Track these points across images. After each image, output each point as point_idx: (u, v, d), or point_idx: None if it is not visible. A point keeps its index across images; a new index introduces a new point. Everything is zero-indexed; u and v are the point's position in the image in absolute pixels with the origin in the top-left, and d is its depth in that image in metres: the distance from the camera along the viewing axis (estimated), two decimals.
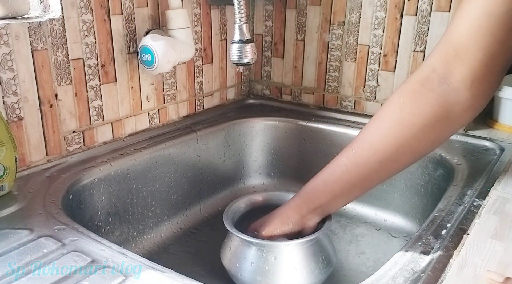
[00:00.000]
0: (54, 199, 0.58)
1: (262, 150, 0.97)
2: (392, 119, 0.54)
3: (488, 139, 0.80)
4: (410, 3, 0.85)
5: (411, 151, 0.55)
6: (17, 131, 0.63)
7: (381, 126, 0.55)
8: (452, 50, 0.51)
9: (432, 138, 0.55)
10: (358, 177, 0.57)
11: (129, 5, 0.75)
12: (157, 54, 0.73)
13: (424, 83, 0.53)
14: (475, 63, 0.50)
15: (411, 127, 0.53)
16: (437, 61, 0.53)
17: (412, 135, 0.53)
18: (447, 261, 0.46)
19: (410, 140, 0.54)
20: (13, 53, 0.61)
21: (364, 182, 0.58)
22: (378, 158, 0.55)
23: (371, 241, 0.81)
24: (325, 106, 1.00)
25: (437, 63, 0.53)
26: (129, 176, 0.73)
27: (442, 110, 0.52)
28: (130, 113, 0.80)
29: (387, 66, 0.91)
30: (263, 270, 0.59)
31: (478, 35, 0.49)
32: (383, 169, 0.56)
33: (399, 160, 0.56)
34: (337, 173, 0.58)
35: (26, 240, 0.49)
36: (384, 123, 0.55)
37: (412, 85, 0.54)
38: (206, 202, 0.90)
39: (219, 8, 0.94)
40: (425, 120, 0.53)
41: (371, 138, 0.56)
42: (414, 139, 0.54)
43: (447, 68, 0.52)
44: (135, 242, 0.76)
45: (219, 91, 1.01)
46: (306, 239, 0.60)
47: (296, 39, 1.00)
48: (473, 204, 0.58)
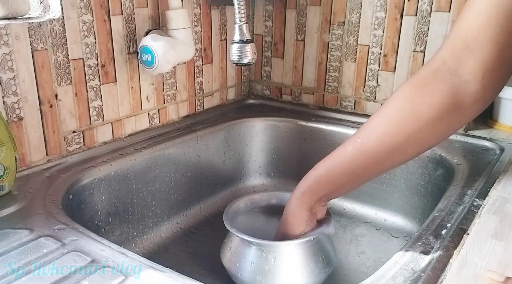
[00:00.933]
0: (54, 198, 0.58)
1: (262, 150, 0.97)
2: (402, 109, 0.54)
3: (488, 139, 0.80)
4: (410, 4, 0.85)
5: (419, 142, 0.55)
6: (17, 131, 0.63)
7: (390, 117, 0.55)
8: (462, 42, 0.51)
9: (441, 129, 0.54)
10: (363, 166, 0.57)
11: (129, 5, 0.75)
12: (157, 54, 0.73)
13: (435, 75, 0.53)
14: (486, 55, 0.50)
15: (422, 118, 0.53)
16: (448, 53, 0.53)
17: (422, 126, 0.53)
18: (447, 261, 0.46)
19: (420, 131, 0.53)
20: (13, 53, 0.61)
21: (368, 171, 0.58)
22: (386, 148, 0.54)
23: (371, 241, 0.81)
24: (325, 106, 1.00)
25: (448, 55, 0.53)
26: (129, 176, 0.73)
27: (453, 102, 0.52)
28: (130, 113, 0.80)
29: (387, 66, 0.91)
30: (263, 270, 0.59)
31: (488, 27, 0.49)
32: (389, 159, 0.56)
33: (406, 151, 0.55)
34: (342, 163, 0.57)
35: (26, 240, 0.49)
36: (394, 114, 0.54)
37: (423, 77, 0.54)
38: (206, 202, 0.90)
39: (219, 8, 0.95)
40: (436, 112, 0.52)
41: (379, 128, 0.55)
42: (424, 130, 0.53)
43: (457, 60, 0.52)
44: (135, 242, 0.76)
45: (219, 91, 1.01)
46: (306, 239, 0.60)
47: (296, 39, 1.00)
48: (473, 204, 0.58)
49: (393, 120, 0.54)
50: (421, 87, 0.53)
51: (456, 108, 0.52)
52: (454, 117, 0.53)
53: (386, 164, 0.57)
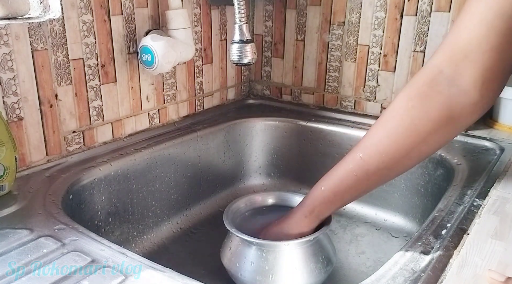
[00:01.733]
0: (54, 199, 0.58)
1: (262, 150, 0.97)
2: (401, 124, 0.53)
3: (488, 139, 0.80)
4: (410, 3, 0.85)
5: (419, 154, 0.55)
6: (17, 132, 0.63)
7: (389, 132, 0.54)
8: (460, 51, 0.50)
9: (439, 140, 0.54)
10: (367, 184, 0.57)
11: (129, 6, 0.75)
12: (157, 54, 0.73)
13: (432, 86, 0.52)
14: (487, 64, 0.49)
15: (421, 132, 0.52)
16: (444, 62, 0.52)
17: (421, 140, 0.53)
18: (447, 261, 0.46)
19: (419, 145, 0.53)
20: (13, 53, 0.61)
21: (371, 186, 0.59)
22: (387, 165, 0.55)
23: (371, 241, 0.81)
24: (325, 106, 1.00)
25: (444, 64, 0.52)
26: (129, 176, 0.73)
27: (451, 113, 0.52)
28: (130, 113, 0.80)
29: (387, 66, 0.91)
30: (263, 270, 0.59)
31: (490, 36, 0.48)
32: (389, 173, 0.57)
33: (406, 164, 0.56)
34: (347, 183, 0.58)
35: (26, 240, 0.49)
36: (393, 129, 0.54)
37: (419, 87, 0.53)
38: (206, 202, 0.90)
39: (219, 8, 0.95)
40: (435, 125, 0.52)
41: (380, 146, 0.55)
42: (423, 144, 0.53)
43: (455, 69, 0.51)
44: (135, 242, 0.76)
45: (219, 91, 1.01)
46: (306, 239, 0.60)
47: (296, 39, 1.00)
48: (473, 204, 0.58)
49: (392, 137, 0.54)
50: (419, 99, 0.53)
51: (454, 120, 0.52)
52: (452, 128, 0.53)
53: (387, 178, 0.58)
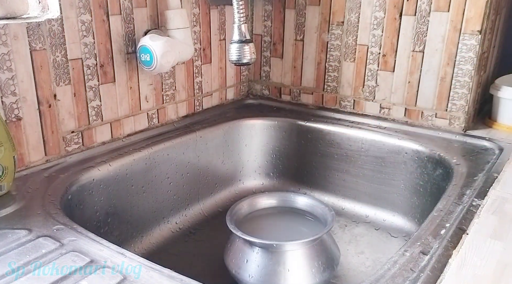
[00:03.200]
0: (53, 199, 0.58)
1: (261, 149, 0.97)
2: None
3: (487, 139, 0.80)
4: (409, 3, 0.85)
5: None
6: (15, 132, 0.63)
7: None
8: None
9: None
10: None
11: (128, 5, 0.75)
12: (156, 54, 0.73)
13: None
14: None
15: None
16: None
17: None
18: (446, 261, 0.46)
19: None
20: (11, 53, 0.61)
21: None
22: None
23: (370, 241, 0.81)
24: (324, 106, 1.00)
25: None
26: (128, 176, 0.73)
27: None
28: (129, 113, 0.80)
29: (386, 66, 0.91)
30: (266, 270, 0.59)
31: None
32: None
33: None
34: None
35: (25, 240, 0.49)
36: None
37: None
38: (205, 202, 0.90)
39: (218, 8, 0.94)
40: None
41: None
42: None
43: None
44: (134, 242, 0.76)
45: (218, 91, 1.01)
46: (309, 239, 0.60)
47: (295, 39, 1.00)
48: (472, 204, 0.58)
49: None
50: None
51: None
52: None
53: None
